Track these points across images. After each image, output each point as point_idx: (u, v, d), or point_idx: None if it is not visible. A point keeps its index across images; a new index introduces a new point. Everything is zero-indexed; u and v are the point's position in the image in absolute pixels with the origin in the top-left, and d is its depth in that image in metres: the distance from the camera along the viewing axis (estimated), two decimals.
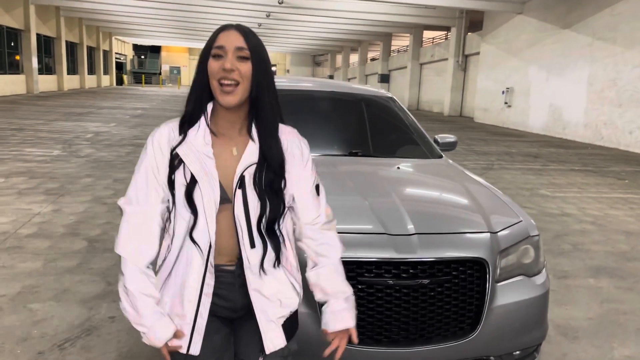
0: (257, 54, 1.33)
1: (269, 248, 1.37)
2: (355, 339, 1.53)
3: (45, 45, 27.67)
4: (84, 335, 2.80)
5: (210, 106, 1.36)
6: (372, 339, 2.08)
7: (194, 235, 1.32)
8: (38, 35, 25.60)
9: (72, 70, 32.53)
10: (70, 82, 31.52)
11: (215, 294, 1.38)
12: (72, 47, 32.36)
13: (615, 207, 6.63)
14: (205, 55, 1.33)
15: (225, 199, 1.34)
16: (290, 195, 1.43)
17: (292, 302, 1.45)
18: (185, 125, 1.34)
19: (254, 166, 1.35)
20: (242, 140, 1.37)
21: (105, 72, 41.68)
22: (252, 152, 1.36)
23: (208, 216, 1.32)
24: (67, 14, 29.02)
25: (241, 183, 1.34)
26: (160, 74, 56.80)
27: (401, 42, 36.58)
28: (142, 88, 42.31)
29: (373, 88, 4.09)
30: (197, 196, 1.31)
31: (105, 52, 41.21)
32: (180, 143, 1.32)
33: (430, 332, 2.11)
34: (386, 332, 2.08)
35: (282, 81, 4.12)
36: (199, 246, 1.33)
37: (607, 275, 4.22)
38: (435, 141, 3.73)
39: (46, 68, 27.91)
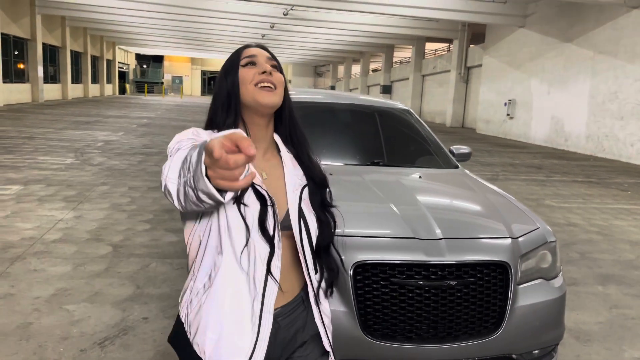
0: (281, 69, 1.31)
1: (326, 274, 1.31)
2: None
3: (51, 54, 27.96)
4: (121, 335, 2.94)
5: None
6: (404, 337, 2.22)
7: (272, 266, 1.19)
8: (44, 44, 25.88)
9: (76, 79, 32.81)
10: (74, 90, 31.78)
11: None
12: (76, 57, 32.67)
13: (619, 218, 6.78)
14: (229, 69, 1.27)
15: (283, 227, 1.23)
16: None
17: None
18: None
19: (307, 189, 1.28)
20: (267, 163, 1.29)
21: (109, 81, 41.99)
22: (292, 174, 1.29)
23: (276, 239, 1.20)
24: (73, 23, 29.35)
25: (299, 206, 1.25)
26: (162, 83, 57.18)
27: (403, 53, 36.94)
28: (145, 97, 42.60)
29: (390, 100, 4.26)
30: (268, 222, 1.19)
31: (108, 61, 41.55)
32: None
33: (457, 331, 2.25)
34: (417, 329, 2.22)
35: (302, 94, 4.30)
36: (274, 278, 1.19)
37: (614, 282, 4.36)
38: (451, 152, 3.89)
39: (51, 77, 28.17)
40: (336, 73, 48.61)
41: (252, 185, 1.16)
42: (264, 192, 1.17)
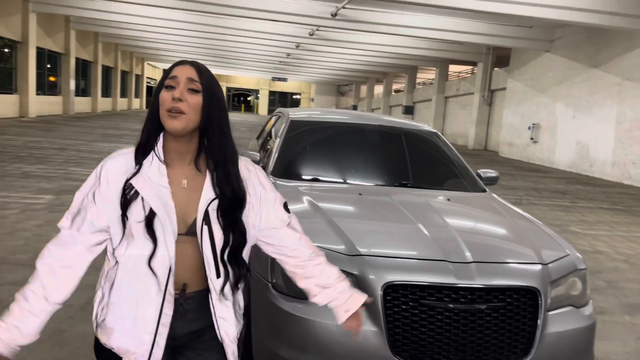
0: (209, 89, 1.38)
1: (231, 276, 1.43)
2: (369, 300, 1.61)
3: (83, 68, 28.80)
4: None
5: (161, 137, 1.39)
6: (432, 358, 2.24)
7: (152, 264, 1.34)
8: (77, 58, 26.69)
9: (106, 93, 33.68)
10: (103, 104, 32.60)
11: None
12: (107, 71, 33.58)
13: None
14: (159, 87, 1.38)
15: (189, 232, 1.38)
16: (252, 224, 1.48)
17: (240, 320, 1.52)
18: (140, 156, 1.37)
19: (216, 201, 1.39)
20: (191, 173, 1.41)
21: (136, 96, 42.96)
22: (209, 186, 1.40)
23: (169, 246, 1.34)
24: (105, 39, 30.24)
25: (205, 217, 1.38)
26: None
27: (426, 74, 37.04)
28: None
29: (418, 122, 4.33)
30: (156, 226, 1.34)
31: (137, 76, 42.55)
32: (135, 174, 1.35)
33: (485, 355, 2.26)
34: (445, 352, 2.24)
35: (329, 114, 4.39)
36: (156, 276, 1.34)
37: None
38: (478, 175, 3.92)
39: (82, 90, 28.98)
40: (359, 93, 48.91)
41: (142, 197, 1.34)
42: (149, 206, 1.34)
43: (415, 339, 2.23)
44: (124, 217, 1.34)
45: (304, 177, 3.56)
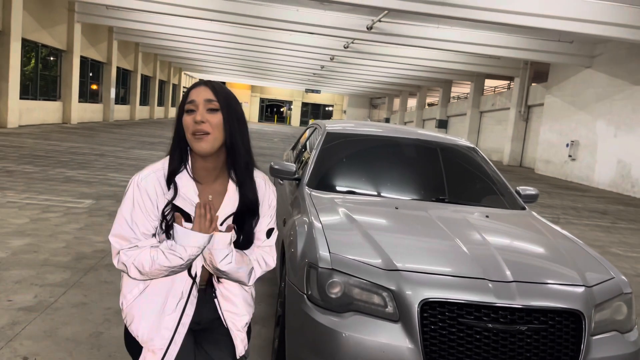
0: (227, 105, 1.48)
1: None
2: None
3: (123, 77, 29.69)
4: None
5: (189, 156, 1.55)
6: None
7: (192, 271, 1.56)
8: (117, 68, 27.55)
9: (144, 101, 34.60)
10: (141, 112, 33.48)
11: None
12: (145, 80, 34.52)
13: None
14: (180, 112, 1.51)
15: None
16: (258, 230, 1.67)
17: (250, 310, 1.70)
18: (172, 179, 1.52)
19: (232, 216, 1.58)
20: (217, 188, 1.57)
21: (173, 104, 43.96)
22: (230, 200, 1.57)
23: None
24: (145, 49, 31.14)
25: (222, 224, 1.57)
26: None
27: (461, 88, 36.66)
28: None
29: (456, 137, 4.27)
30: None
31: (174, 85, 43.59)
32: (174, 196, 1.52)
33: None
34: None
35: (362, 127, 4.38)
36: (195, 280, 1.56)
37: None
38: (517, 192, 3.84)
39: (121, 98, 29.86)
40: (392, 105, 48.75)
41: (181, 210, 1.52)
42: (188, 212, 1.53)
43: (452, 358, 2.18)
44: (165, 228, 1.54)
45: (339, 189, 3.55)
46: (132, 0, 15.70)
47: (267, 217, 1.67)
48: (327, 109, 61.99)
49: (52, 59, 20.69)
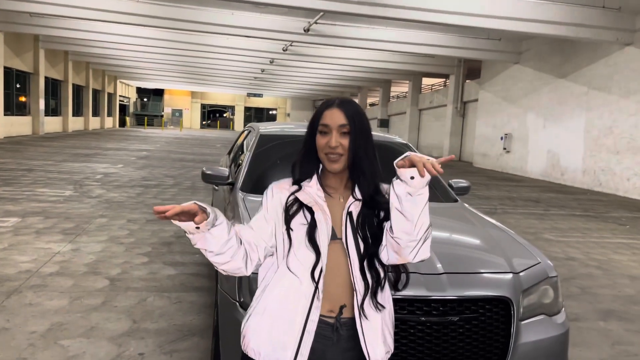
0: (356, 126, 1.52)
1: (370, 281, 1.51)
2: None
3: (53, 87, 28.29)
4: None
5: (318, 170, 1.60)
6: None
7: (315, 273, 1.48)
8: (46, 78, 26.22)
9: (77, 112, 33.11)
10: (75, 123, 32.03)
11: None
12: (78, 90, 33.07)
13: (618, 252, 6.77)
14: (312, 129, 1.57)
15: (334, 236, 1.53)
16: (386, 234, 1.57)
17: (390, 346, 1.58)
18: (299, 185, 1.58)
19: (359, 204, 1.54)
20: (347, 192, 1.59)
21: (109, 114, 42.37)
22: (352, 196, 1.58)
23: (322, 248, 1.49)
24: (75, 58, 29.82)
25: (349, 221, 1.53)
26: (162, 116, 57.66)
27: (400, 88, 37.51)
28: (145, 130, 42.91)
29: (390, 135, 4.31)
30: (316, 234, 1.50)
31: (109, 94, 42.01)
32: (297, 191, 1.56)
33: None
34: None
35: (305, 129, 4.34)
36: (317, 283, 1.48)
37: (615, 318, 4.32)
38: (450, 185, 3.92)
39: (52, 110, 28.43)
40: None
41: (303, 210, 1.54)
42: (310, 214, 1.53)
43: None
44: (289, 229, 1.52)
45: None
46: (58, 7, 14.87)
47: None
48: (270, 112, 61.71)
49: None
